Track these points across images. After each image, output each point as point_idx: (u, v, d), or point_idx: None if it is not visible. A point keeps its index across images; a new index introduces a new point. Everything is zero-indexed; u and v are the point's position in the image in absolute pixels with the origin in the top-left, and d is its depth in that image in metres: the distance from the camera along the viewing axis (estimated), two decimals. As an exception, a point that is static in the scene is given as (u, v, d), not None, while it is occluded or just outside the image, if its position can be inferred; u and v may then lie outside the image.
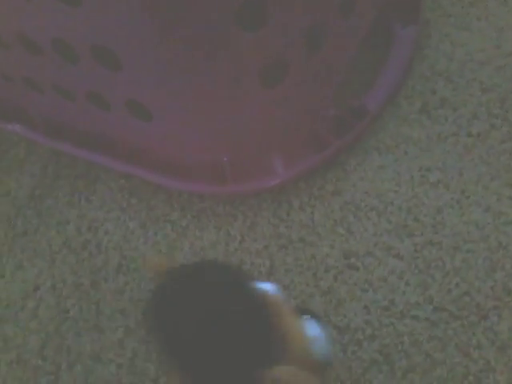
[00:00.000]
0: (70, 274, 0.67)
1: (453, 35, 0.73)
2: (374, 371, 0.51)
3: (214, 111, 0.59)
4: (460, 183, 0.61)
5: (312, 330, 0.39)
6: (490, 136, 0.64)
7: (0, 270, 0.68)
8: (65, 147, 0.74)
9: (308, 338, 0.37)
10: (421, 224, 0.59)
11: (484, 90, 0.67)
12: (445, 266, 0.56)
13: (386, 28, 0.71)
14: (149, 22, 0.48)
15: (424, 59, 0.73)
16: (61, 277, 0.67)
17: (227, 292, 0.33)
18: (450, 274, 0.55)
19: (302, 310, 0.41)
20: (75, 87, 0.60)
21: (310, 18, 0.53)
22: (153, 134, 0.63)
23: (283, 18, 0.51)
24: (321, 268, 0.59)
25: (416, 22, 0.71)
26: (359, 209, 0.61)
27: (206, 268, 0.35)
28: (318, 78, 0.59)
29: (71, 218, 0.72)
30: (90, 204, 0.73)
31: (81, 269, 0.67)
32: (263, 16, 0.50)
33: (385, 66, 0.71)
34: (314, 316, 0.40)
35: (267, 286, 0.38)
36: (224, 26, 0.50)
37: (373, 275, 0.56)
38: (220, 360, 0.32)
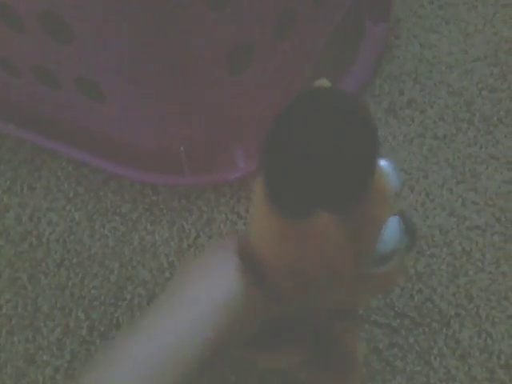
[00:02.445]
0: (6, 267, 0.61)
1: (422, 36, 0.71)
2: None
3: (172, 96, 0.55)
4: (425, 186, 0.60)
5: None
6: (456, 139, 0.63)
7: None
8: (8, 129, 0.68)
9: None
10: (384, 226, 0.57)
11: (451, 93, 0.66)
12: (407, 271, 0.54)
13: (357, 23, 0.69)
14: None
15: (393, 59, 0.71)
16: (-5, 270, 0.61)
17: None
18: (413, 279, 0.53)
19: None
20: (20, 60, 0.55)
21: (279, 2, 0.50)
22: (105, 117, 0.59)
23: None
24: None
25: (387, 19, 0.70)
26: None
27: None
28: (286, 68, 0.56)
29: (11, 206, 0.66)
30: (34, 192, 0.67)
31: (19, 261, 0.61)
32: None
33: (354, 63, 0.69)
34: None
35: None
36: (190, 3, 0.46)
37: (333, 277, 0.54)
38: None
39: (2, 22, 0.50)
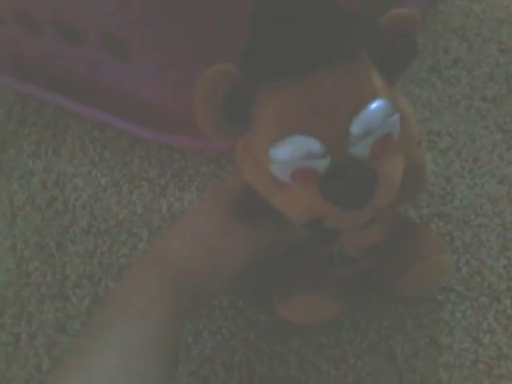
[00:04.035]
0: (32, 234, 0.59)
1: (470, -11, 0.66)
2: (373, 355, 0.46)
3: (199, 57, 0.51)
4: (472, 151, 0.55)
5: None
6: (507, 101, 0.58)
7: (-48, 225, 0.61)
8: (33, 90, 0.66)
9: None
10: (428, 194, 0.53)
11: (502, 51, 0.61)
12: (454, 242, 0.50)
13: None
14: None
15: (437, 14, 0.66)
16: (22, 237, 0.59)
17: None
18: (460, 251, 0.50)
19: None
20: (41, 14, 0.52)
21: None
22: (130, 77, 0.55)
23: None
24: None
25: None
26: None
27: None
28: None
29: (36, 172, 0.64)
30: (58, 156, 0.65)
31: (45, 228, 0.59)
32: None
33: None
34: None
35: None
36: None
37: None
38: None
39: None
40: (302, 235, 0.41)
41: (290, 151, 0.32)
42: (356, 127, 0.31)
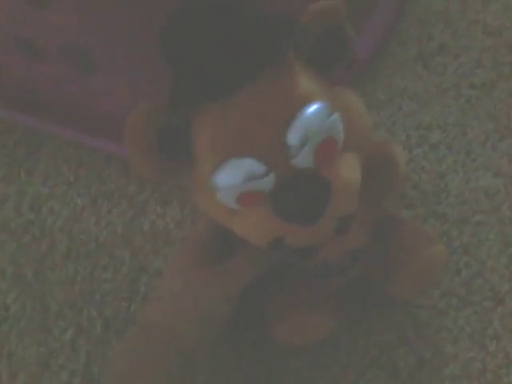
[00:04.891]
0: (9, 263, 0.56)
1: (450, -30, 0.63)
2: (375, 371, 0.43)
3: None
4: (464, 143, 0.53)
5: None
6: (497, 87, 0.55)
7: None
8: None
9: None
10: (421, 193, 0.51)
11: (488, 34, 0.58)
12: (451, 242, 0.48)
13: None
14: None
15: (418, -1, 0.63)
16: (-2, 266, 0.56)
17: None
18: (458, 252, 0.47)
19: None
20: (3, 34, 0.48)
21: None
22: (99, 91, 0.52)
23: None
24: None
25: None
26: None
27: None
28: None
29: (9, 195, 0.61)
30: (32, 178, 0.61)
31: (22, 257, 0.56)
32: None
33: (374, 8, 0.60)
34: None
35: None
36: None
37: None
38: None
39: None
40: (281, 256, 0.39)
41: (228, 177, 0.30)
42: (292, 138, 0.29)
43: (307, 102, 0.30)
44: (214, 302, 0.38)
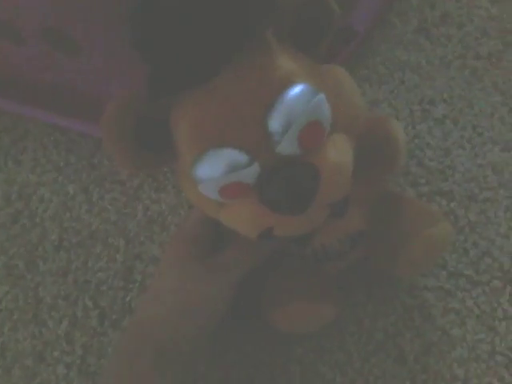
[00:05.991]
0: (-1, 254, 0.54)
1: None
2: (381, 356, 0.42)
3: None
4: (471, 117, 0.50)
5: None
6: (504, 57, 0.52)
7: None
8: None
9: None
10: (426, 170, 0.49)
11: (493, 1, 0.55)
12: (458, 221, 0.46)
13: None
14: None
15: (418, -35, 0.59)
16: (-11, 258, 0.54)
17: None
18: (466, 231, 0.45)
19: None
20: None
21: None
22: (84, 74, 0.49)
23: None
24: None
25: None
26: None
27: None
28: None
29: (-3, 184, 0.59)
30: (20, 166, 0.59)
31: (13, 247, 0.54)
32: None
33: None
34: None
35: None
36: None
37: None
38: None
39: None
40: (276, 245, 0.37)
41: (209, 169, 0.28)
42: (274, 123, 0.27)
43: (288, 83, 0.27)
44: (211, 295, 0.36)
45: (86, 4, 0.42)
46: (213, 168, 0.28)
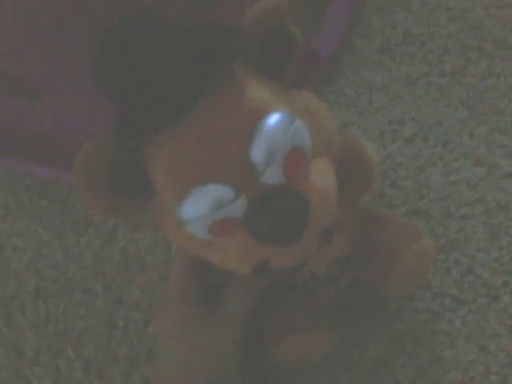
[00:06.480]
0: (-26, 310, 0.52)
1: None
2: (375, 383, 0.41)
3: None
4: (440, 134, 0.51)
5: None
6: (467, 73, 0.53)
7: None
8: None
9: None
10: (400, 190, 0.49)
11: (452, 18, 0.56)
12: (438, 240, 0.46)
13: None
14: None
15: (376, -13, 0.60)
16: (-36, 314, 0.52)
17: None
18: (446, 249, 0.45)
19: None
20: None
21: None
22: (50, 119, 0.48)
23: None
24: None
25: None
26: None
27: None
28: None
29: (-33, 236, 0.57)
30: (-10, 214, 0.58)
31: (-12, 301, 0.52)
32: None
33: (330, 1, 0.58)
34: None
35: None
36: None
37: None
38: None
39: None
40: (268, 278, 0.36)
41: (194, 207, 0.27)
42: (256, 154, 0.27)
43: (264, 112, 0.27)
44: (223, 345, 0.35)
45: (44, 48, 0.42)
46: (199, 206, 0.27)
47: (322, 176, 0.30)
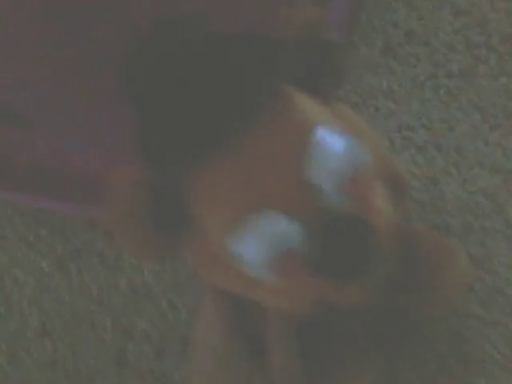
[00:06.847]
0: (-23, 350, 0.50)
1: None
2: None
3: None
4: (452, 140, 0.49)
5: None
6: (476, 72, 0.51)
7: None
8: None
9: None
10: (416, 203, 0.47)
11: (457, 14, 0.54)
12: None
13: None
14: None
15: (375, -16, 0.57)
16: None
17: None
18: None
19: None
20: None
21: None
22: (42, 147, 0.46)
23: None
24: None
25: None
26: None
27: None
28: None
29: (-36, 271, 0.54)
30: (-14, 246, 0.55)
31: (-9, 340, 0.50)
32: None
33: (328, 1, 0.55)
34: None
35: None
36: None
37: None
38: None
39: None
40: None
41: (255, 241, 0.24)
42: (315, 174, 0.24)
43: (320, 130, 0.25)
44: None
45: (36, 79, 0.39)
46: (260, 239, 0.24)
47: (384, 200, 0.27)
